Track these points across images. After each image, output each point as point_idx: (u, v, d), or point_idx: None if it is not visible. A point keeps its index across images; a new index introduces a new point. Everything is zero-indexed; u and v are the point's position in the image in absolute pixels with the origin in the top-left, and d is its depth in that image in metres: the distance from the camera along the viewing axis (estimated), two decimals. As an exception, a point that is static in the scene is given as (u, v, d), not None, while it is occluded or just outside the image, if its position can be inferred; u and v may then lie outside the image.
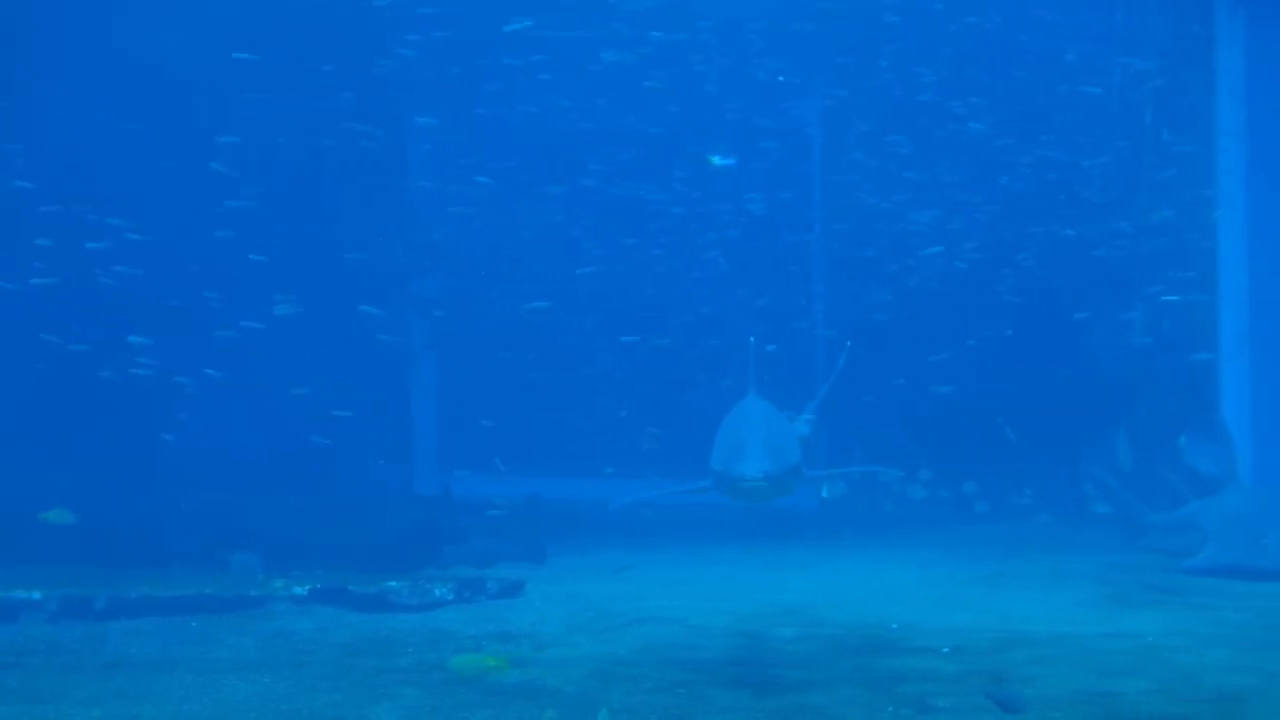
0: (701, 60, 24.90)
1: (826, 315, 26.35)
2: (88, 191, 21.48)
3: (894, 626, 15.43)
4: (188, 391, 21.73)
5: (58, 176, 21.30)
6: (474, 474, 24.23)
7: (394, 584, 17.47)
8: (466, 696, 12.40)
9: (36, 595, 16.60)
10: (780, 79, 25.37)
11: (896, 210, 25.15)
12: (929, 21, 24.38)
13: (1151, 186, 24.56)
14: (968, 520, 23.65)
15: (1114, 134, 24.83)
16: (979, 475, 24.37)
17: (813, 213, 26.49)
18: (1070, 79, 24.55)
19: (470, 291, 26.50)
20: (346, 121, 22.64)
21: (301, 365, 22.93)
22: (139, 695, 12.73)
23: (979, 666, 13.36)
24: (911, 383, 23.65)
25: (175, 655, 14.44)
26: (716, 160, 26.14)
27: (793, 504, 19.97)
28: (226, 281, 22.06)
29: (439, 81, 24.45)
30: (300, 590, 17.34)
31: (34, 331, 20.68)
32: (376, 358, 23.98)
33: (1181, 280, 23.84)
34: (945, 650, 14.13)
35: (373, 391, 24.45)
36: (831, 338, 25.05)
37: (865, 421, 23.44)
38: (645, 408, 25.08)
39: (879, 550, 21.30)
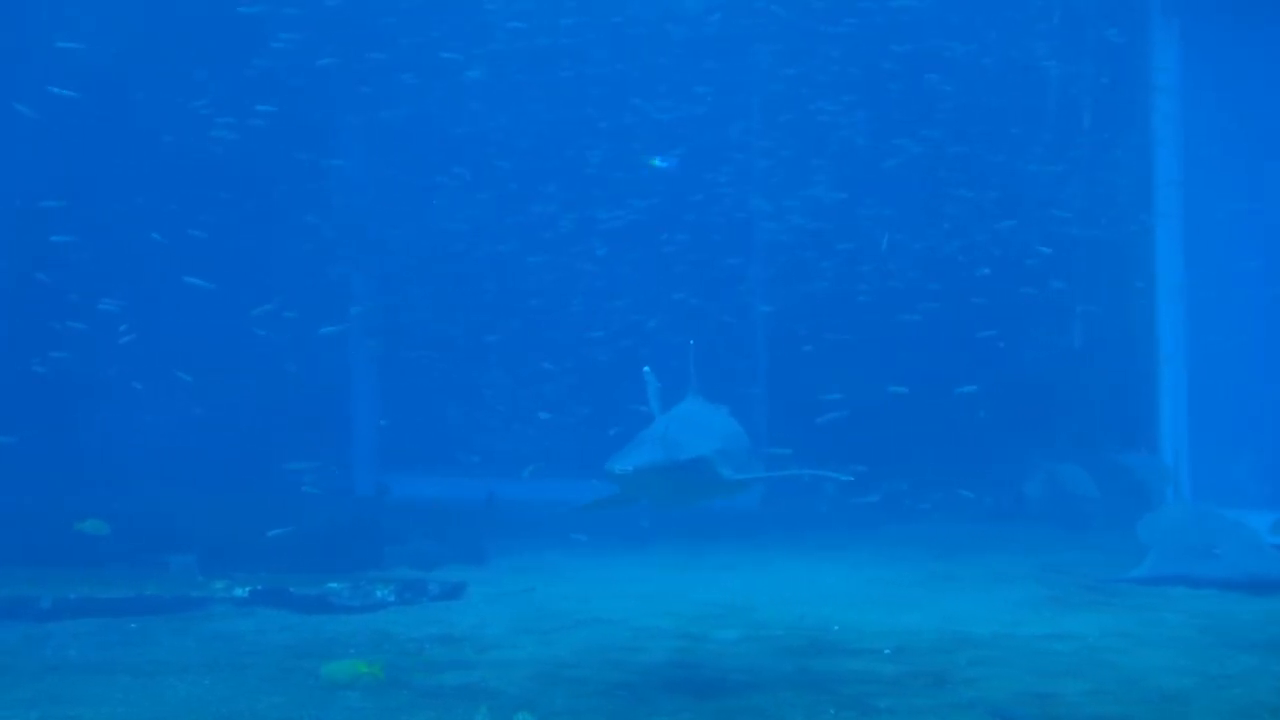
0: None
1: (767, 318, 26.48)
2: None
3: (835, 628, 15.48)
4: (114, 390, 21.70)
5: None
6: (417, 474, 24.21)
7: (335, 585, 17.42)
8: (408, 699, 12.39)
9: (-29, 596, 16.50)
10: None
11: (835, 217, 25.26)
12: (868, 28, 24.51)
13: (1088, 194, 24.75)
14: (907, 520, 23.73)
15: (1051, 141, 24.98)
16: (918, 476, 24.44)
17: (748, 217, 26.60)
18: (1004, 86, 24.68)
19: (407, 292, 26.49)
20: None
21: (236, 363, 22.94)
22: (77, 697, 12.65)
23: (921, 667, 13.41)
24: (855, 384, 23.64)
25: (115, 657, 14.35)
26: (657, 162, 26.17)
27: (734, 506, 20.06)
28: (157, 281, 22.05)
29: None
30: (241, 592, 17.27)
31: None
32: (313, 355, 23.95)
33: (1118, 287, 24.08)
34: (887, 651, 14.19)
35: (309, 389, 24.44)
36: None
37: (804, 423, 23.38)
38: (597, 410, 25.06)
39: (821, 551, 21.37)
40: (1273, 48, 23.89)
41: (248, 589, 17.31)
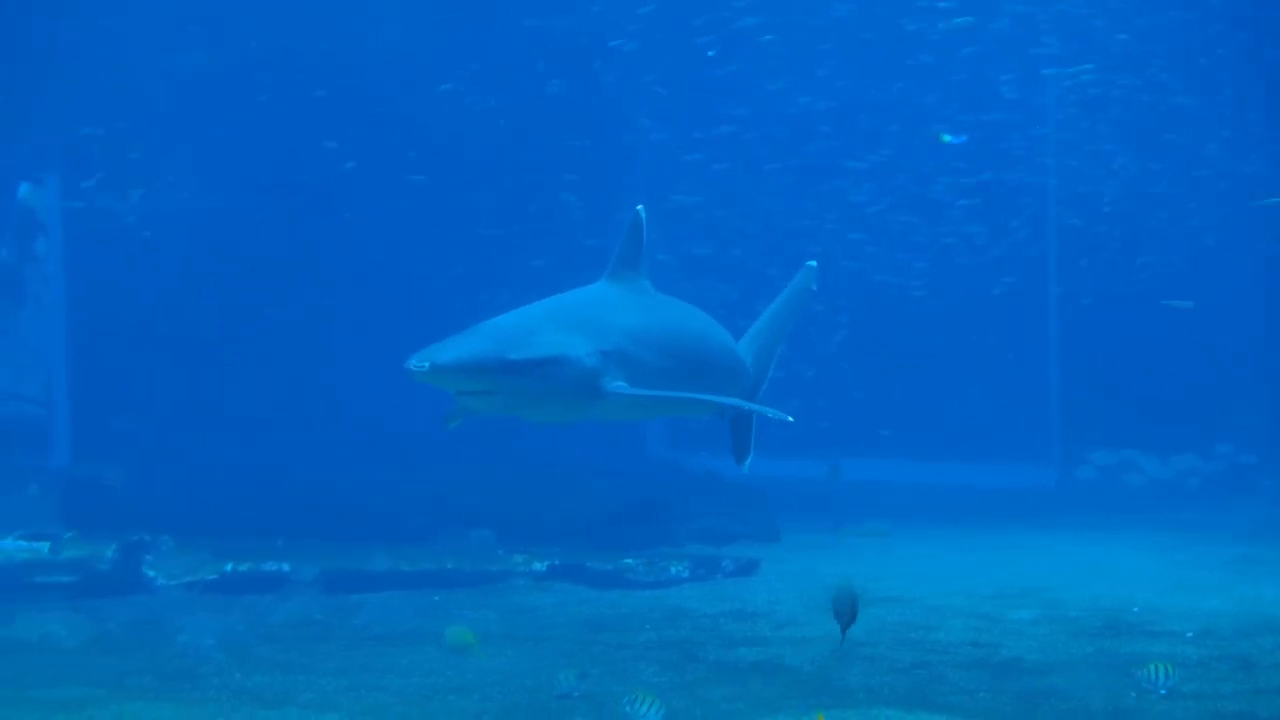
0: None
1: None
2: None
3: (1135, 610, 15.21)
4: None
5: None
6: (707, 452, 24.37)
7: (630, 561, 17.72)
8: (705, 673, 12.54)
9: (286, 568, 17.17)
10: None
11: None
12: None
13: None
14: (1207, 502, 23.19)
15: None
16: (1223, 457, 23.92)
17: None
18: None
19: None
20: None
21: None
22: (385, 667, 13.07)
23: (1225, 651, 13.10)
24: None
25: (420, 628, 14.75)
26: (948, 138, 26.02)
27: (1025, 485, 19.92)
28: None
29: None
30: (539, 566, 17.65)
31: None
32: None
33: None
34: (1189, 635, 13.89)
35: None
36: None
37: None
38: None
39: (1114, 532, 21.02)
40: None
41: (545, 564, 17.69)
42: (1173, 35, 25.43)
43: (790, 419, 10.57)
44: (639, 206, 11.29)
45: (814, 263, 12.77)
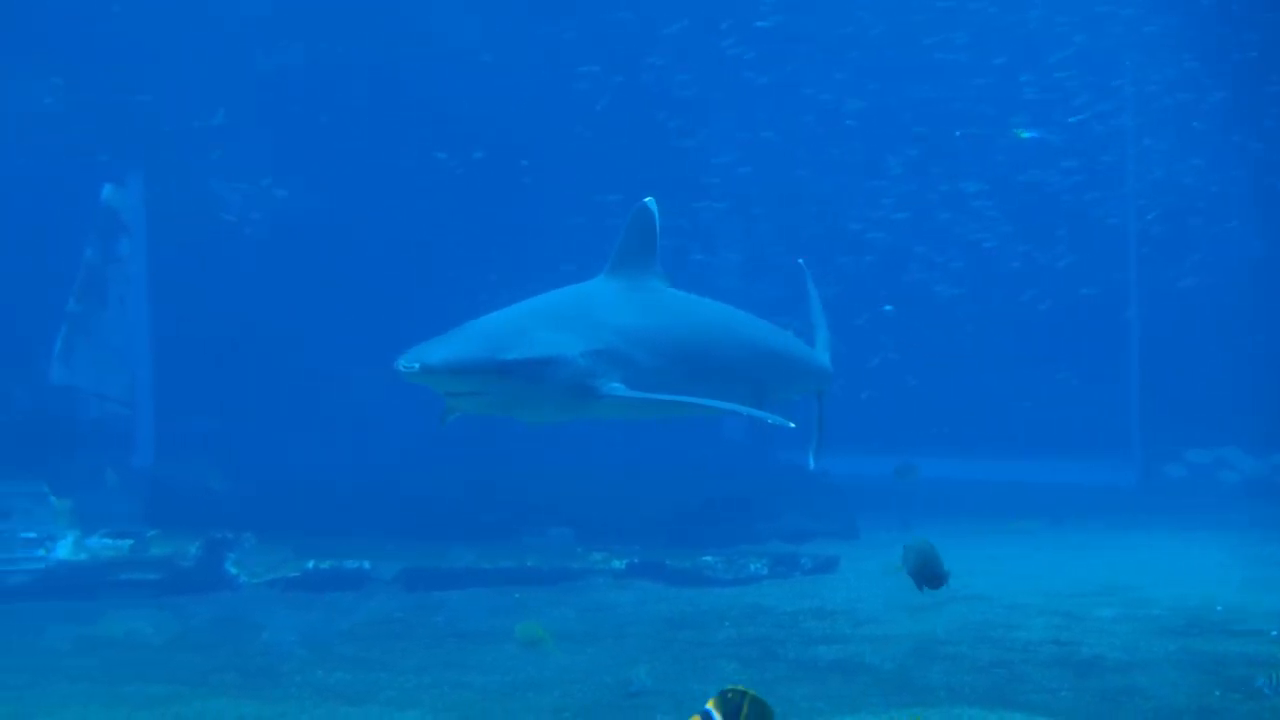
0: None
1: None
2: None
3: (1218, 609, 15.06)
4: None
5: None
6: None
7: (709, 559, 17.73)
8: (785, 671, 12.52)
9: (367, 565, 17.31)
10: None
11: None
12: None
13: None
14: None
15: None
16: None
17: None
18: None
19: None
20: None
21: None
22: (466, 663, 13.15)
23: (1310, 651, 12.99)
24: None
25: (499, 625, 14.79)
26: (1025, 134, 25.98)
27: (1105, 483, 19.77)
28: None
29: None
30: (618, 564, 17.69)
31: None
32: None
33: None
34: (1274, 634, 13.75)
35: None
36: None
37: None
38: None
39: (1200, 530, 20.84)
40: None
41: (625, 561, 17.73)
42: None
43: (791, 425, 10.00)
44: (648, 199, 10.75)
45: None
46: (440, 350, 9.27)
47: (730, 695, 6.53)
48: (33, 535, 17.46)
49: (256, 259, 22.28)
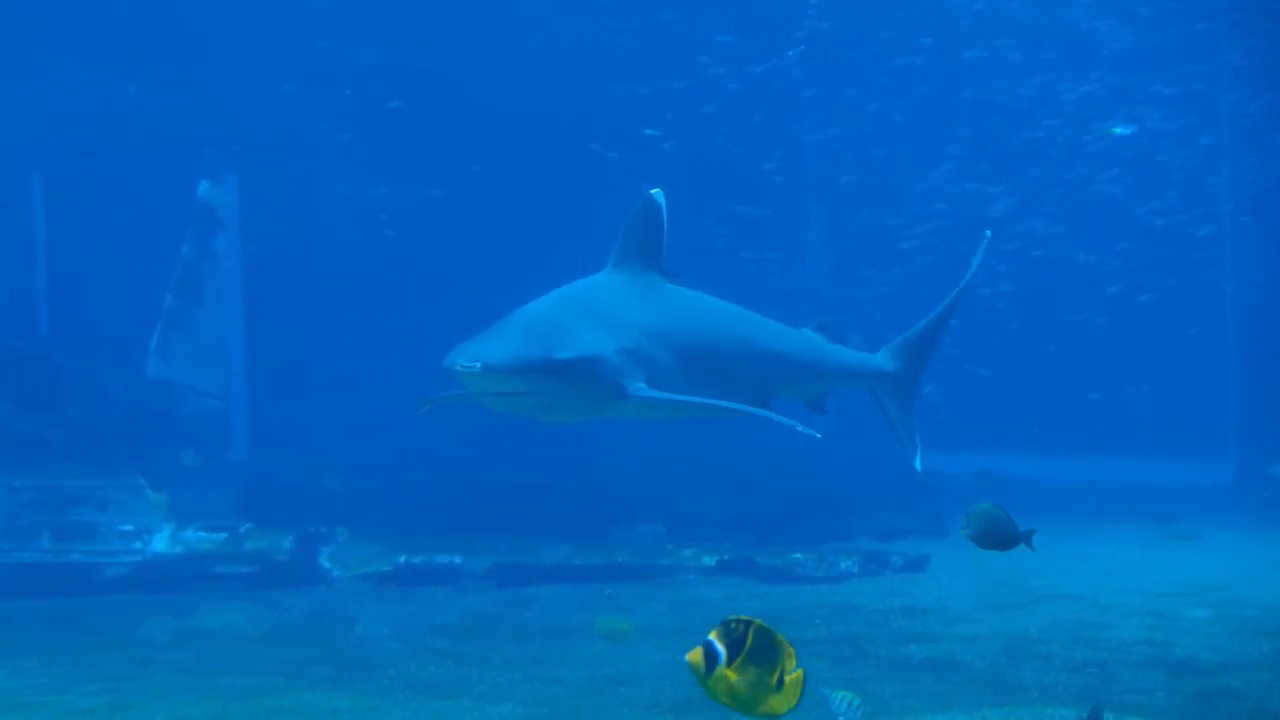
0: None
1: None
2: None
3: (1317, 610, 14.90)
4: None
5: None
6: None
7: (799, 556, 17.71)
8: (876, 669, 12.49)
9: (459, 560, 17.44)
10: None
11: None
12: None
13: None
14: None
15: None
16: None
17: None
18: None
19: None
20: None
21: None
22: (556, 659, 13.22)
23: None
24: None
25: (590, 621, 14.76)
26: (1118, 130, 25.84)
27: (1199, 482, 19.56)
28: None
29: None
30: (709, 560, 17.71)
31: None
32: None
33: None
34: (1372, 636, 13.59)
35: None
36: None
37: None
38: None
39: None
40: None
41: (715, 558, 17.74)
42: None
43: (818, 435, 9.40)
44: (654, 190, 10.11)
45: (989, 233, 11.66)
46: (499, 349, 8.86)
47: (734, 625, 6.50)
48: (130, 528, 17.74)
49: (354, 254, 22.52)
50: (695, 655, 6.47)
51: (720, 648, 6.46)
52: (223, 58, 22.47)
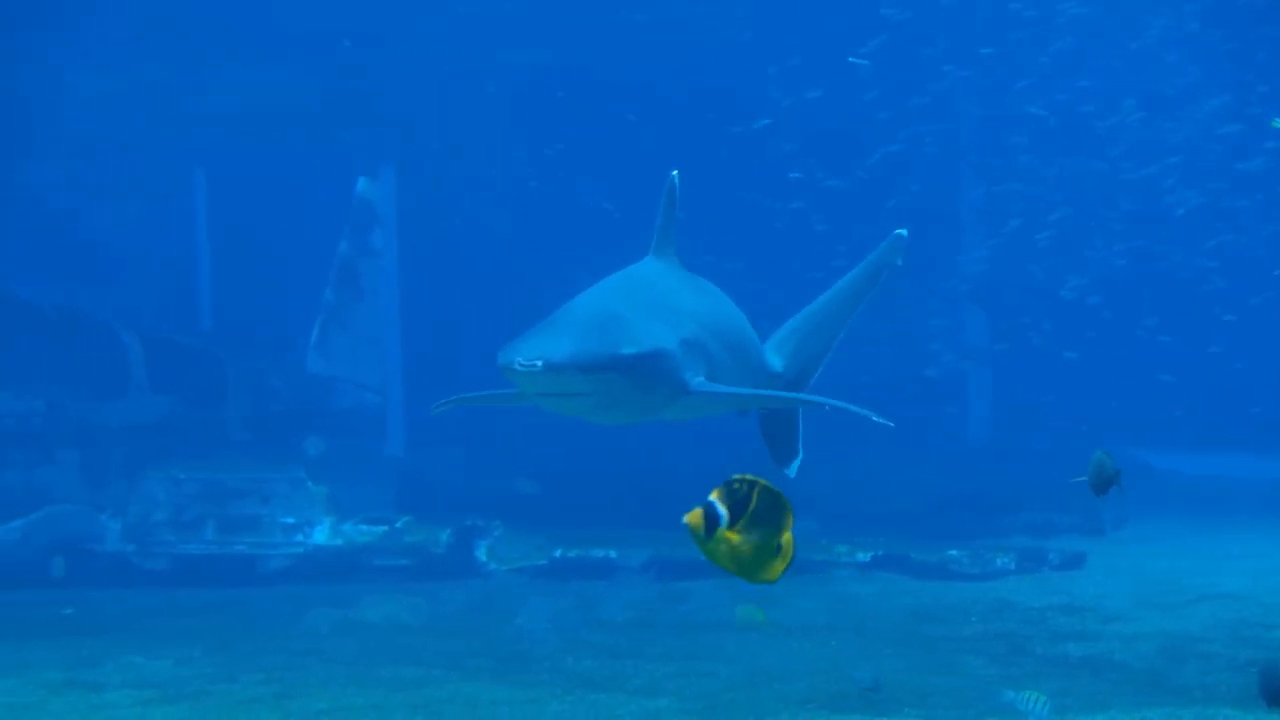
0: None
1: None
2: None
3: None
4: None
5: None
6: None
7: (954, 552, 17.59)
8: (1033, 667, 12.41)
9: (614, 554, 17.56)
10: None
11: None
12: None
13: None
14: None
15: None
16: None
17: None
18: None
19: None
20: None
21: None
22: (711, 654, 13.22)
23: None
24: None
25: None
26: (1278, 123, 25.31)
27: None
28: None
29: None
30: (862, 556, 17.65)
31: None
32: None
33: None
34: None
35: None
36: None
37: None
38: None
39: None
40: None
41: (869, 554, 17.68)
42: None
43: (891, 424, 8.70)
44: (674, 172, 9.61)
45: (903, 231, 10.78)
46: (561, 345, 8.23)
47: (737, 485, 6.13)
48: (292, 520, 18.08)
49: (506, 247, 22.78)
50: (695, 517, 6.08)
51: (722, 509, 6.10)
52: (382, 55, 22.79)
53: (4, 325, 19.04)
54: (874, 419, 8.79)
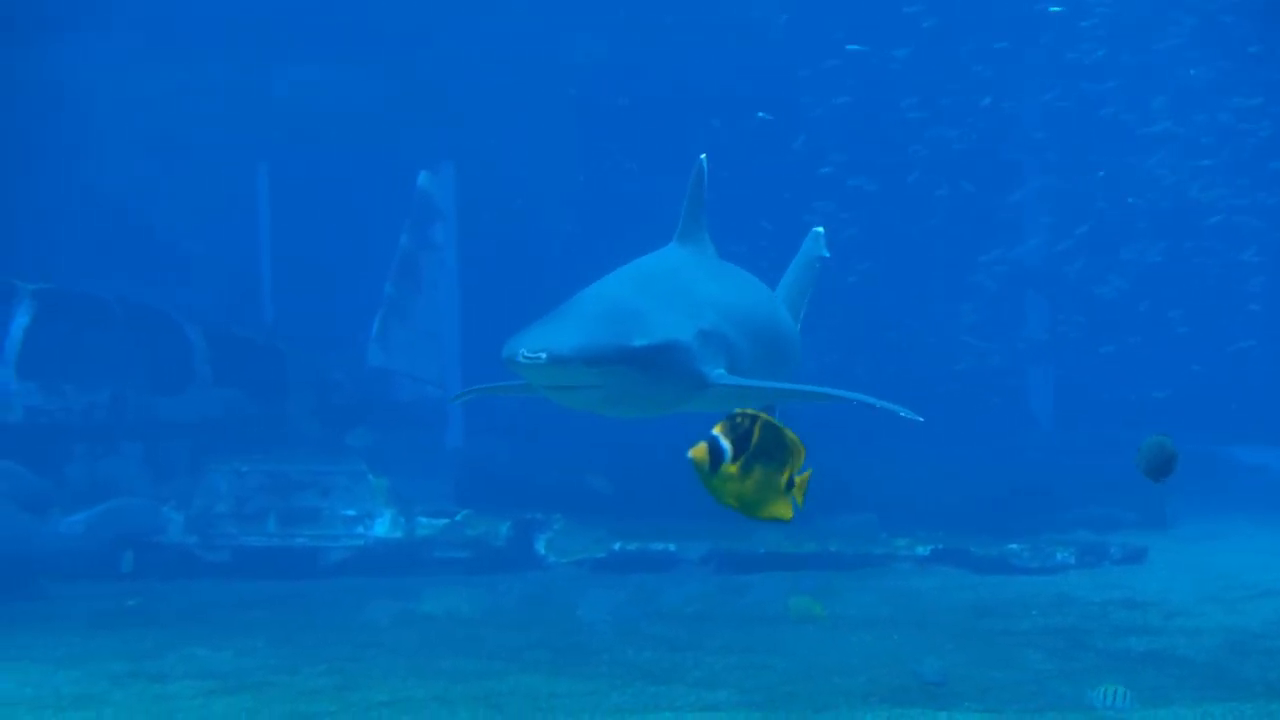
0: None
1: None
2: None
3: None
4: None
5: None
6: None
7: (1014, 546, 17.54)
8: (1093, 661, 12.35)
9: (673, 548, 17.58)
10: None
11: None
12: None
13: None
14: None
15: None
16: None
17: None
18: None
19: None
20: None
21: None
22: (769, 646, 13.24)
23: None
24: None
25: (803, 610, 14.85)
26: None
27: None
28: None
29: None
30: (922, 550, 17.62)
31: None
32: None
33: None
34: None
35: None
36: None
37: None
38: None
39: None
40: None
41: (929, 547, 17.65)
42: None
43: (921, 419, 8.36)
44: (702, 155, 9.33)
45: (820, 229, 10.95)
46: (566, 337, 7.97)
47: (739, 420, 6.05)
48: (352, 513, 18.19)
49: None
50: (699, 451, 6.01)
51: (725, 444, 6.03)
52: (444, 52, 22.88)
53: (69, 320, 19.21)
54: (901, 414, 8.49)
